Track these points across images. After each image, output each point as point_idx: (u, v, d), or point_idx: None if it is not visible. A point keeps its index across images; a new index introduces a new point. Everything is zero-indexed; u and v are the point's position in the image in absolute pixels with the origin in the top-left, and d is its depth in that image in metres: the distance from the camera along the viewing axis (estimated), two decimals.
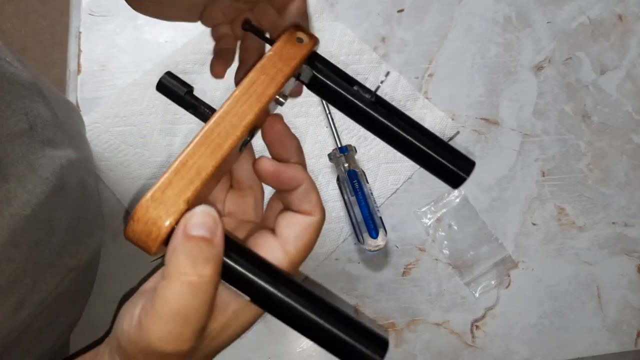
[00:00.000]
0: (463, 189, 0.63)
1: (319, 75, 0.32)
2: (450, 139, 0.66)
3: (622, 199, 0.65)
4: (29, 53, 1.60)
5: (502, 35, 0.72)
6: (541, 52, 0.71)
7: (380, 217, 0.58)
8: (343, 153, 0.61)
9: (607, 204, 0.64)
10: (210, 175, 0.26)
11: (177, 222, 0.25)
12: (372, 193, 0.59)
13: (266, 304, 0.26)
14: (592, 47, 0.72)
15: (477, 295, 0.60)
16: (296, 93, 0.38)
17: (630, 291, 0.61)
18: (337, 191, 0.62)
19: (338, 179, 0.62)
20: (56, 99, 0.51)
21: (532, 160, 0.66)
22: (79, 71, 0.67)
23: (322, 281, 0.59)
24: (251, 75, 0.30)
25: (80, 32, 0.69)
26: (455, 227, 0.62)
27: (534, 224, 0.63)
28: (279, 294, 0.26)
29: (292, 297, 0.26)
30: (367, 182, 0.60)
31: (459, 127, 0.66)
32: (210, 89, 0.66)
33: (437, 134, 0.68)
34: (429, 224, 0.62)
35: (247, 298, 0.27)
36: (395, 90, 0.68)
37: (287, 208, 0.31)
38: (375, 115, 0.31)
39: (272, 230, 0.30)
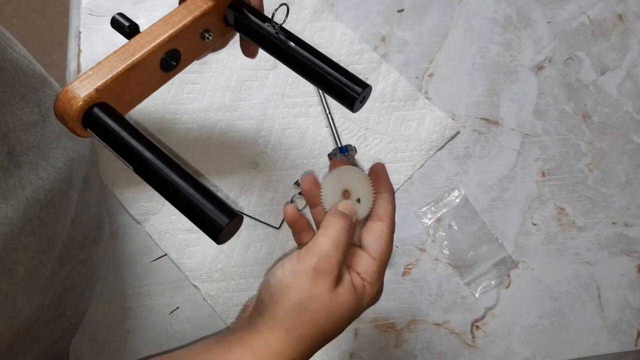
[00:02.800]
0: (463, 189, 0.63)
1: (240, 17, 0.39)
2: (451, 139, 0.66)
3: (622, 199, 0.65)
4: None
5: (503, 35, 0.72)
6: (541, 52, 0.71)
7: None
8: (343, 153, 0.61)
9: (607, 204, 0.64)
10: (120, 73, 0.33)
11: (86, 103, 0.31)
12: None
13: (144, 170, 0.31)
14: (593, 47, 0.72)
15: (477, 295, 0.60)
16: (251, 54, 0.44)
17: (630, 291, 0.61)
18: None
19: None
20: None
21: (532, 160, 0.66)
22: (78, 71, 0.67)
23: None
24: (174, 9, 0.36)
25: (80, 32, 0.69)
26: (456, 227, 0.62)
27: (534, 224, 0.63)
28: (153, 160, 0.31)
29: (162, 162, 0.31)
30: None
31: (459, 127, 0.66)
32: (211, 88, 0.66)
33: (437, 134, 0.68)
34: (429, 224, 0.62)
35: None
36: (395, 90, 0.68)
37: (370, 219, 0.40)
38: (279, 43, 0.38)
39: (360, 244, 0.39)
